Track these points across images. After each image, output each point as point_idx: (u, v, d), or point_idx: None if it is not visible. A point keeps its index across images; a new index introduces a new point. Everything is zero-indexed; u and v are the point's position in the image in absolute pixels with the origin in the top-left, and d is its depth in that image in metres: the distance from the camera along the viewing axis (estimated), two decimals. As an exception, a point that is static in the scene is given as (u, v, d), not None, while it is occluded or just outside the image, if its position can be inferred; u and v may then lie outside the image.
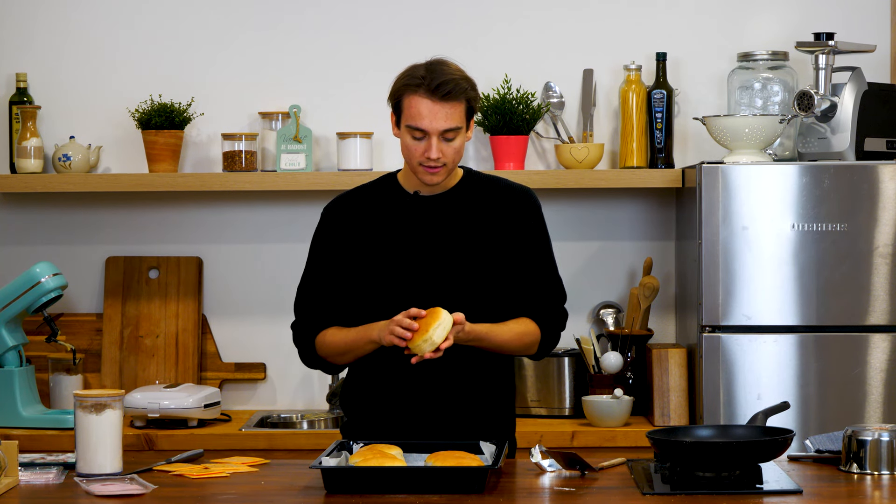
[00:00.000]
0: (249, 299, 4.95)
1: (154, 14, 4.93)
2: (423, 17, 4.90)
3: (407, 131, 3.36)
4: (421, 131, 3.34)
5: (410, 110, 3.34)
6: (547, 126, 4.90)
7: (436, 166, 3.37)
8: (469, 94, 3.37)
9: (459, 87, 3.34)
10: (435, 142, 3.34)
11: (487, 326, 3.39)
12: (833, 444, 3.39)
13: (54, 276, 4.49)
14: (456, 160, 3.39)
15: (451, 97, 3.33)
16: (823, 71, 4.51)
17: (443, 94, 3.32)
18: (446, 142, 3.35)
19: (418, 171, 3.39)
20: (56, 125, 4.91)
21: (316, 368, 3.58)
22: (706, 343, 4.34)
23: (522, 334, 3.45)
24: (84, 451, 3.20)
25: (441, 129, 3.33)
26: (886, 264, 4.32)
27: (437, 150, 3.34)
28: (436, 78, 3.33)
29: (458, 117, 3.35)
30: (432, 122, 3.33)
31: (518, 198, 3.51)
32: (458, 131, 3.36)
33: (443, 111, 3.33)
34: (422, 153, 3.36)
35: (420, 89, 3.33)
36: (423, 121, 3.33)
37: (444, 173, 3.39)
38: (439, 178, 3.39)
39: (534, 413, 4.69)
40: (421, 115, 3.33)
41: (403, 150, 3.39)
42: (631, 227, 4.94)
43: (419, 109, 3.33)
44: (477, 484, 3.01)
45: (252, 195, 4.94)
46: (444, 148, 3.35)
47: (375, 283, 3.44)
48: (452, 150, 3.37)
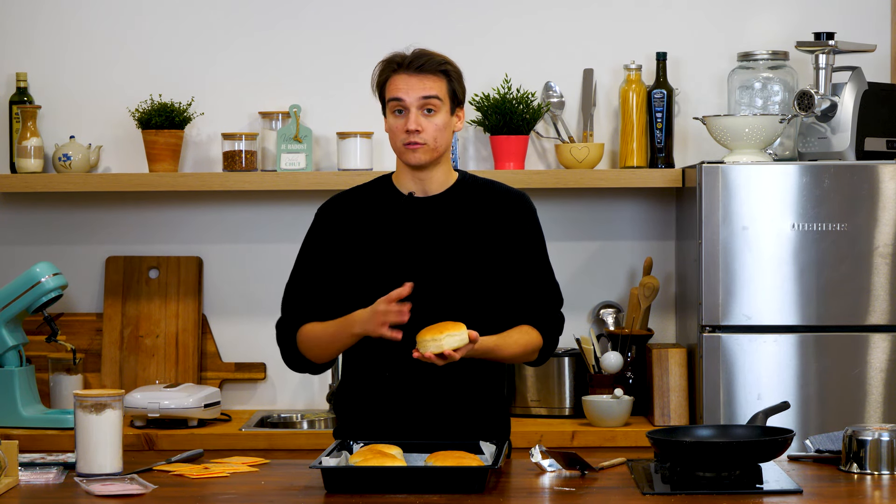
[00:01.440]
0: (249, 299, 4.95)
1: (154, 14, 4.93)
2: (423, 16, 4.90)
3: (390, 111, 3.41)
4: (398, 101, 3.38)
5: (390, 87, 3.41)
6: (547, 126, 4.90)
7: (416, 143, 3.38)
8: (446, 68, 3.41)
9: (434, 61, 3.40)
10: (413, 113, 3.37)
11: (494, 340, 3.37)
12: (833, 444, 3.39)
13: (54, 276, 4.49)
14: (439, 140, 3.39)
15: (426, 69, 3.38)
16: (823, 71, 4.51)
17: (417, 66, 3.38)
18: (427, 115, 3.38)
19: (401, 152, 3.41)
20: (56, 125, 4.91)
21: (300, 370, 3.55)
22: (706, 343, 4.34)
23: (527, 344, 3.44)
24: (84, 451, 3.20)
25: (418, 96, 3.37)
26: (886, 264, 4.32)
27: (416, 122, 3.37)
28: (411, 56, 3.41)
29: (436, 88, 3.39)
30: (408, 92, 3.37)
31: (513, 202, 3.50)
32: (439, 105, 3.38)
33: (419, 83, 3.38)
34: (402, 129, 3.38)
35: (399, 67, 3.41)
36: (399, 91, 3.38)
37: (427, 153, 3.40)
38: (420, 156, 3.39)
39: (534, 413, 4.69)
40: (398, 88, 3.39)
41: (389, 137, 3.44)
42: (631, 227, 4.94)
43: (396, 84, 3.40)
44: (477, 484, 3.01)
45: (252, 195, 4.94)
46: (423, 122, 3.38)
47: (367, 284, 3.43)
48: (433, 127, 3.38)
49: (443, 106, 3.39)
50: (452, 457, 3.13)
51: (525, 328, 3.45)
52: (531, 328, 3.46)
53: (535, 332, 3.46)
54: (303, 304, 3.49)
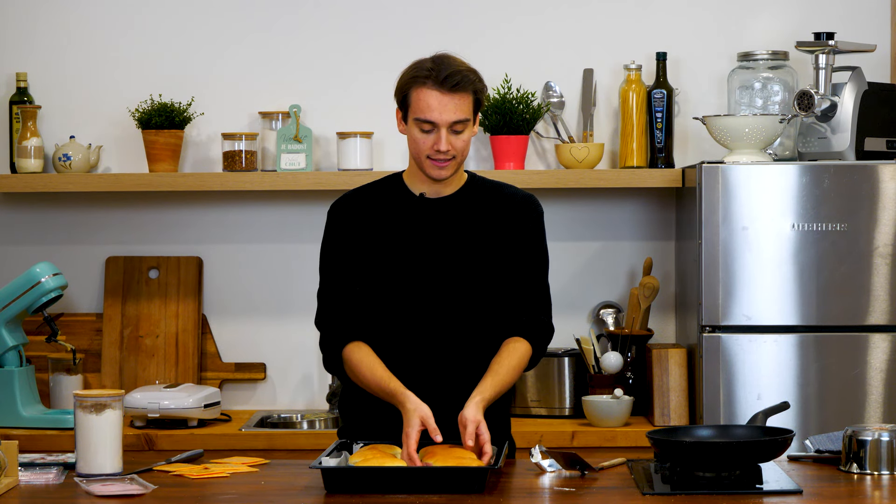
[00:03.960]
0: (249, 299, 4.95)
1: (154, 14, 4.93)
2: (424, 16, 4.90)
3: (415, 125, 3.35)
4: (430, 123, 3.33)
5: (419, 103, 3.33)
6: (547, 126, 4.90)
7: (445, 159, 3.35)
8: (476, 85, 3.36)
9: (467, 79, 3.33)
10: (444, 134, 3.33)
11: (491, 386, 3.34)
12: (833, 444, 3.39)
13: (54, 276, 4.49)
14: (464, 154, 3.38)
15: (460, 88, 3.32)
16: (823, 71, 4.51)
17: (451, 85, 3.31)
18: (455, 134, 3.34)
19: (426, 164, 3.38)
20: (56, 125, 4.91)
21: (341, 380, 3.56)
22: (706, 343, 4.34)
23: (518, 367, 3.41)
24: (84, 451, 3.20)
25: (450, 120, 3.32)
26: (886, 264, 4.32)
27: (447, 143, 3.33)
28: (443, 70, 3.32)
29: (467, 109, 3.34)
30: (441, 114, 3.32)
31: (521, 205, 3.49)
32: (467, 124, 3.35)
33: (451, 103, 3.32)
34: (431, 146, 3.35)
35: (428, 81, 3.32)
36: (432, 113, 3.32)
37: (453, 167, 3.38)
38: (447, 172, 3.38)
39: (534, 413, 4.69)
40: (430, 108, 3.32)
41: (411, 144, 3.38)
42: (631, 227, 4.94)
43: (428, 102, 3.32)
44: (477, 484, 3.01)
45: (252, 195, 4.94)
46: (453, 140, 3.34)
47: (378, 283, 3.43)
48: (461, 143, 3.36)
49: (469, 123, 3.37)
50: (452, 457, 3.13)
51: (513, 347, 3.42)
52: (516, 341, 3.43)
53: (522, 346, 3.43)
54: (341, 315, 3.44)
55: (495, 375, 3.36)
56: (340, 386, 3.84)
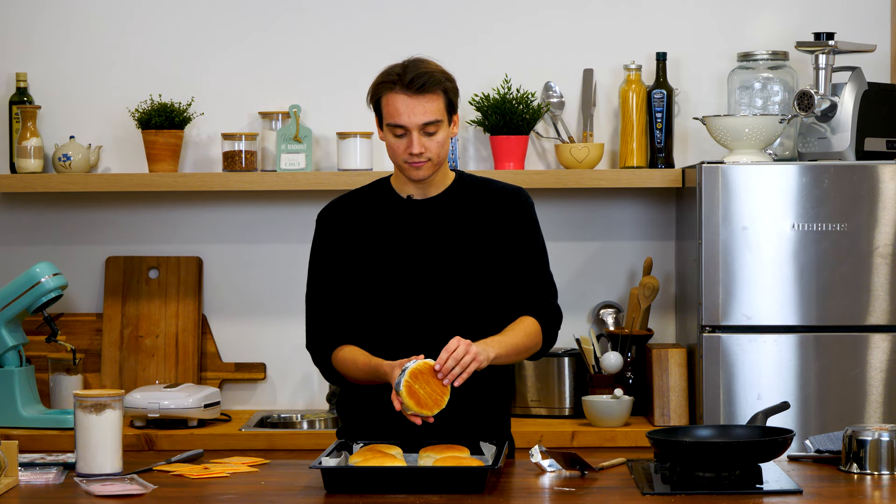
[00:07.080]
0: (249, 299, 4.95)
1: (154, 14, 4.93)
2: (423, 16, 4.91)
3: (389, 130, 3.38)
4: (401, 128, 3.35)
5: (389, 108, 3.36)
6: (547, 126, 4.90)
7: (419, 161, 3.36)
8: (445, 85, 3.36)
9: (434, 79, 3.34)
10: (416, 136, 3.34)
11: (498, 344, 3.33)
12: (833, 444, 3.39)
13: (54, 276, 4.49)
14: (441, 154, 3.39)
15: (426, 90, 3.33)
16: (823, 71, 4.51)
17: (417, 87, 3.32)
18: (427, 136, 3.35)
19: (404, 168, 3.39)
20: (56, 125, 4.91)
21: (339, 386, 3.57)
22: (706, 343, 4.34)
23: (527, 334, 3.40)
24: (84, 451, 3.20)
25: (420, 122, 3.33)
26: (886, 264, 4.32)
27: (419, 145, 3.34)
28: (409, 73, 3.34)
29: (437, 110, 3.35)
30: (410, 117, 3.33)
31: (510, 198, 3.50)
32: (439, 125, 3.36)
33: (420, 105, 3.33)
34: (404, 150, 3.36)
35: (395, 86, 3.34)
36: (401, 117, 3.34)
37: (430, 168, 3.39)
38: (424, 172, 3.38)
39: (534, 413, 4.69)
40: (399, 112, 3.34)
41: (388, 150, 3.41)
42: (631, 227, 4.94)
43: (396, 106, 3.34)
44: (477, 484, 3.01)
45: (252, 195, 4.94)
46: (425, 142, 3.35)
47: (371, 288, 3.44)
48: (435, 144, 3.37)
49: (442, 123, 3.38)
50: (452, 457, 3.13)
51: (522, 320, 3.43)
52: (527, 318, 3.43)
53: (532, 321, 3.43)
54: (328, 322, 3.46)
55: (502, 336, 3.35)
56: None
